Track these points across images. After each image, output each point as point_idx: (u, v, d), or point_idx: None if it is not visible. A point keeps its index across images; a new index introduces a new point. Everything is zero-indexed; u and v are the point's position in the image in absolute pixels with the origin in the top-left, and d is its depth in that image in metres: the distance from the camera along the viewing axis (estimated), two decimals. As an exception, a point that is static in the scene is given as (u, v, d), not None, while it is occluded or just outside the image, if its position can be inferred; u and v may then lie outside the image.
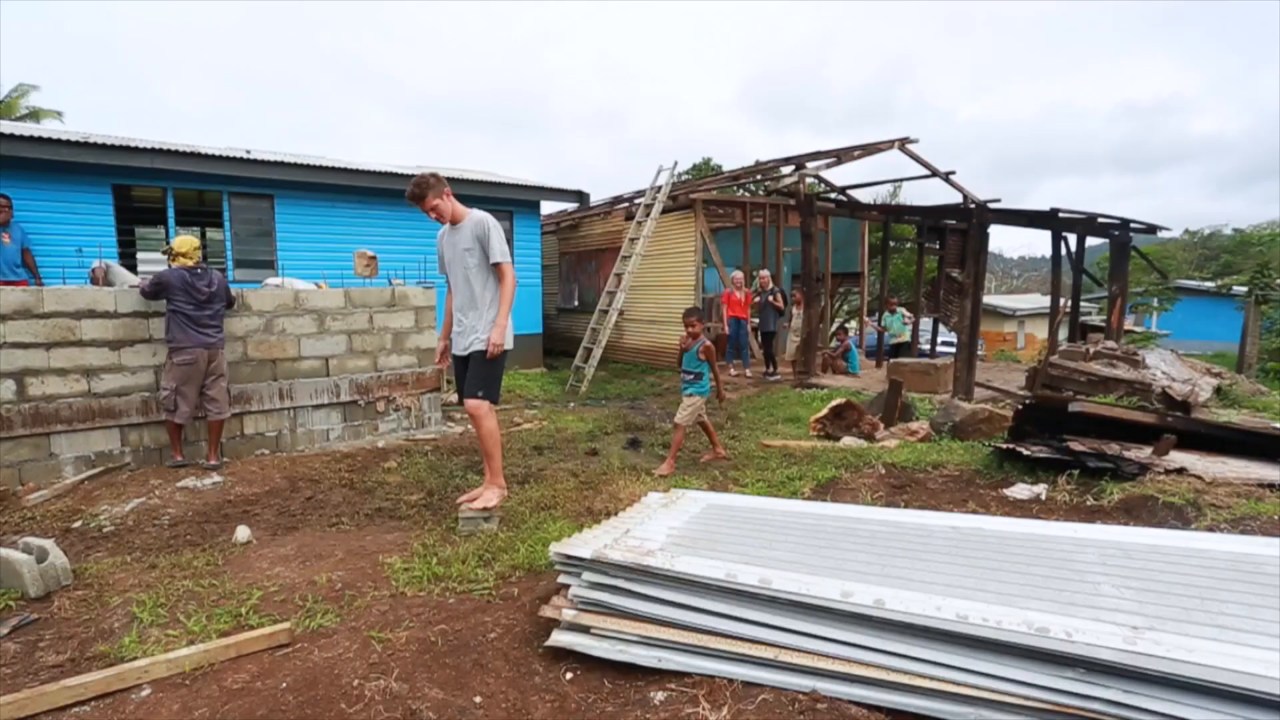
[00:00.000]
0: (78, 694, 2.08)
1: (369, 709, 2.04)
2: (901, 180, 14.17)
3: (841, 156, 11.21)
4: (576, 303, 14.67)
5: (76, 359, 4.74)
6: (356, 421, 5.98)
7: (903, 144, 11.54)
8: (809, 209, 9.70)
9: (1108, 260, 12.57)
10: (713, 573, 2.22)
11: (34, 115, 18.73)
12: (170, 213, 8.95)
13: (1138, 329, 21.65)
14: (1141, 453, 4.14)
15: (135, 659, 2.30)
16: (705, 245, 11.39)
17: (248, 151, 9.79)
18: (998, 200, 12.05)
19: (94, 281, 5.66)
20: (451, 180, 11.19)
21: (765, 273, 10.80)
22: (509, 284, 3.79)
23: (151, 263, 9.89)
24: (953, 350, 11.96)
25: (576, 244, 14.65)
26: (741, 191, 17.03)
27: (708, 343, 5.02)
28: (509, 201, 11.41)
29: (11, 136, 7.69)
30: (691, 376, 5.11)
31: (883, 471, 4.53)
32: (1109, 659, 1.73)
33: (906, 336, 11.20)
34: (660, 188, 10.97)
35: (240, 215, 9.26)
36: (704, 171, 23.31)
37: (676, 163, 11.28)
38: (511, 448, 5.61)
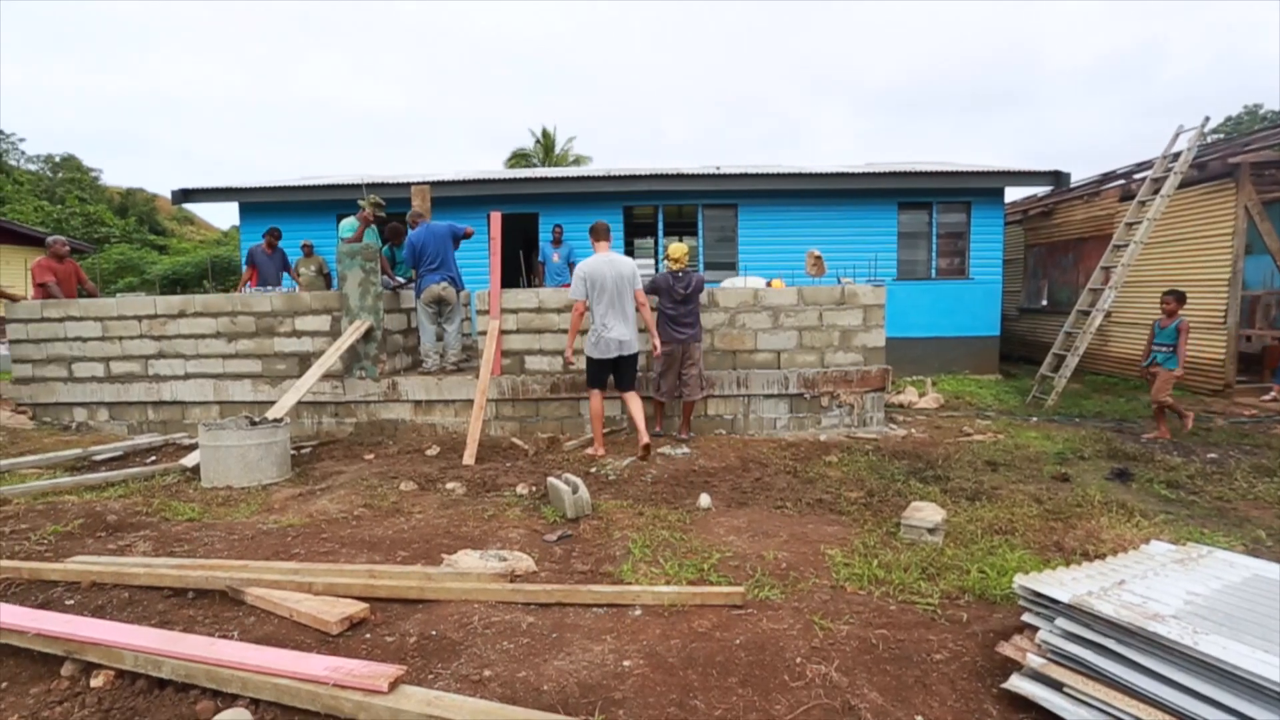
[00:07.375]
0: (597, 598, 2.71)
1: (809, 689, 2.12)
2: None
3: None
4: (1045, 302, 12.62)
5: (599, 343, 6.13)
6: (801, 413, 6.30)
7: None
8: None
9: None
10: (1268, 671, 1.64)
11: (577, 160, 25.07)
12: (659, 225, 10.89)
13: None
14: None
15: (631, 584, 2.87)
16: (1250, 225, 8.47)
17: (717, 168, 11.23)
18: None
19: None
20: (894, 174, 10.85)
21: None
22: None
23: (644, 267, 12.20)
24: None
25: (1049, 233, 12.56)
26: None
27: None
28: (965, 191, 10.47)
29: (564, 179, 10.48)
30: None
31: None
32: None
33: None
34: (1179, 154, 8.57)
35: (710, 224, 10.71)
36: (1247, 125, 17.36)
37: (1207, 119, 8.64)
38: (960, 459, 5.16)
